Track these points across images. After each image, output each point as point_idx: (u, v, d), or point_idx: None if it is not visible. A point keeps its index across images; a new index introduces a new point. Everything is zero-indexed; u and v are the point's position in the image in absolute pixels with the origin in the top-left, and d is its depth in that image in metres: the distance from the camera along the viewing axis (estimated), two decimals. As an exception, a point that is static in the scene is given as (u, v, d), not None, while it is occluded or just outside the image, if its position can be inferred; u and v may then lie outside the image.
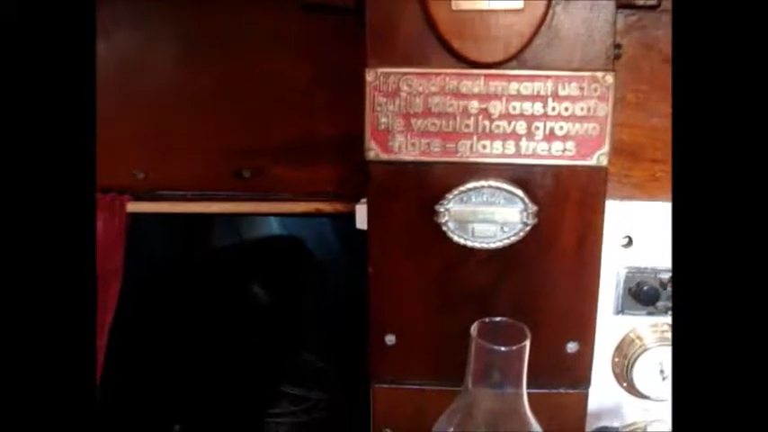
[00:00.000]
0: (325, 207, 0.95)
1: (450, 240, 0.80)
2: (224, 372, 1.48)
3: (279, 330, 1.59)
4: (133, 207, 1.00)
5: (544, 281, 0.81)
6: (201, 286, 1.60)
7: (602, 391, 0.97)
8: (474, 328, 0.68)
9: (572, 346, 0.84)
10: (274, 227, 1.79)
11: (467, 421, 0.73)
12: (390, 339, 0.84)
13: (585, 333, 0.83)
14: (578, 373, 0.85)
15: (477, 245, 0.80)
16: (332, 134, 0.97)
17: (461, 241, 0.80)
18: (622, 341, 0.97)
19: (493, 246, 0.80)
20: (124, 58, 0.98)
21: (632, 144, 0.89)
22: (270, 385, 1.52)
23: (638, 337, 0.96)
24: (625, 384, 0.97)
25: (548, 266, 0.81)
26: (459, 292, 0.82)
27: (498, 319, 0.70)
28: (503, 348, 0.66)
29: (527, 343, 0.67)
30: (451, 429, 0.73)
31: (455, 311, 0.81)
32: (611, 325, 0.96)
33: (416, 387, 0.85)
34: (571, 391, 0.85)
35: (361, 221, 0.86)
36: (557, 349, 0.83)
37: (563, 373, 0.84)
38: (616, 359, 0.98)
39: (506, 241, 0.80)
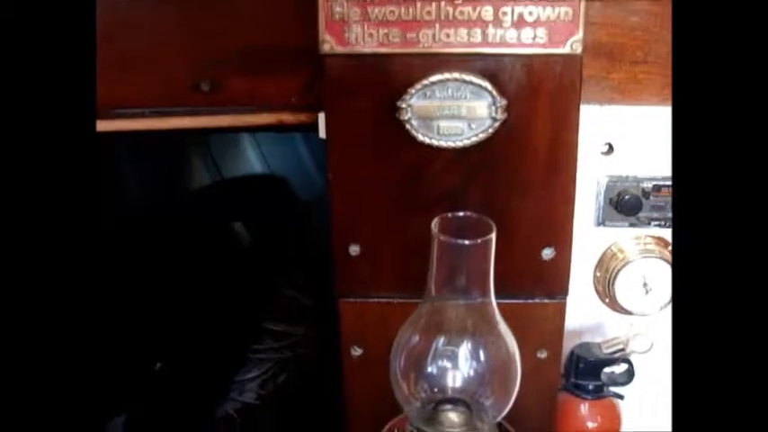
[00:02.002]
0: (288, 118, 0.87)
1: (414, 140, 0.72)
2: (206, 309, 1.41)
3: (261, 269, 1.52)
4: (88, 126, 0.91)
5: (517, 182, 0.74)
6: (183, 225, 1.53)
7: (584, 309, 0.91)
8: (435, 224, 0.61)
9: (548, 253, 0.76)
10: (256, 166, 1.71)
11: (432, 329, 0.66)
12: (354, 250, 0.77)
13: (562, 238, 0.76)
14: (555, 281, 0.77)
15: (443, 143, 0.72)
16: (297, 41, 0.88)
17: (426, 140, 0.72)
18: (603, 255, 0.90)
19: (460, 144, 0.72)
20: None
21: (611, 44, 0.81)
22: (252, 322, 1.46)
23: (620, 251, 0.90)
24: (607, 300, 0.91)
25: (520, 166, 0.73)
26: (425, 195, 0.74)
27: (462, 214, 0.62)
28: (466, 242, 0.59)
29: (492, 236, 0.60)
30: (417, 337, 0.66)
31: (422, 217, 0.73)
32: (592, 238, 0.89)
33: (384, 300, 0.78)
34: (547, 301, 0.78)
35: (325, 131, 0.78)
36: (531, 256, 0.76)
37: (539, 281, 0.77)
38: (597, 274, 0.91)
39: (474, 139, 0.72)
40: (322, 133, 0.79)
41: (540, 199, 0.74)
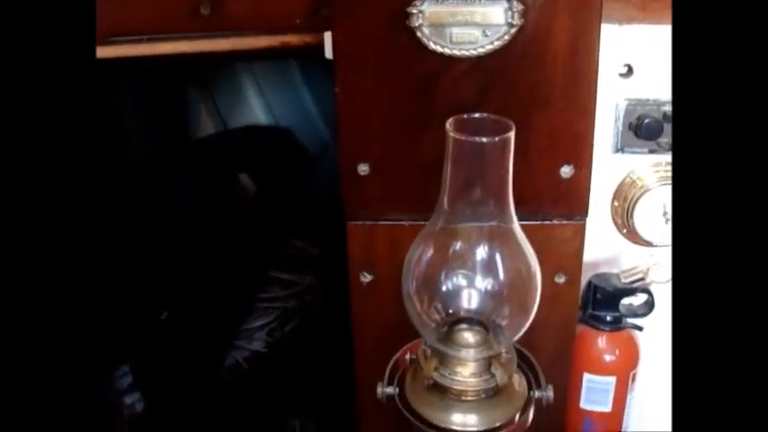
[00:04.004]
0: (292, 40, 0.82)
1: (426, 49, 0.67)
2: (212, 258, 1.37)
3: (267, 218, 1.48)
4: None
5: (534, 94, 0.68)
6: (187, 175, 1.48)
7: (600, 241, 0.86)
8: (450, 124, 0.55)
9: (566, 170, 0.71)
10: (261, 117, 1.66)
11: (446, 245, 0.61)
12: (363, 169, 0.71)
13: (581, 155, 0.70)
14: (574, 201, 0.72)
15: (456, 53, 0.67)
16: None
17: (439, 49, 0.67)
18: (621, 184, 0.85)
19: (475, 53, 0.67)
20: None
21: (632, -48, 0.75)
22: (259, 271, 1.41)
23: (639, 178, 0.85)
24: (625, 231, 0.86)
25: (538, 76, 0.68)
26: (438, 109, 0.69)
27: (478, 115, 0.57)
28: (483, 139, 0.53)
29: (512, 135, 0.54)
30: (429, 254, 0.61)
31: (435, 133, 0.68)
32: (610, 165, 0.84)
33: (395, 222, 0.73)
34: (566, 222, 0.73)
35: (331, 51, 0.72)
36: (549, 174, 0.71)
37: (557, 200, 0.72)
38: (615, 203, 0.86)
39: (490, 47, 0.67)
40: (329, 53, 0.73)
41: (558, 112, 0.69)
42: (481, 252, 0.59)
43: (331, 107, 1.42)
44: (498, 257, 0.59)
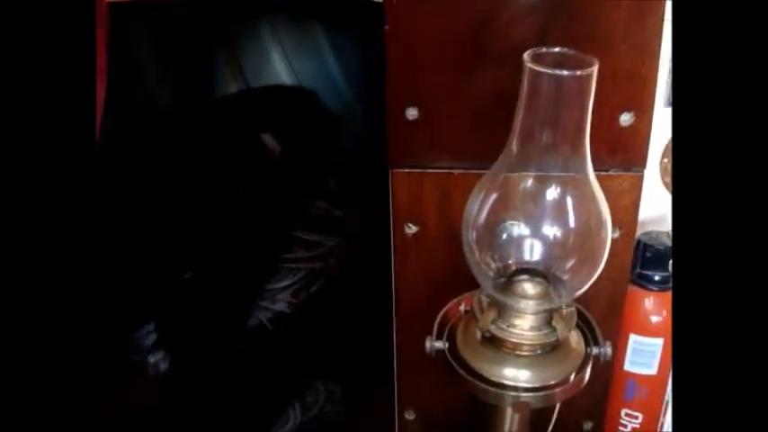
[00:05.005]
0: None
1: (483, -16, 0.61)
2: (234, 217, 1.32)
3: (290, 178, 1.43)
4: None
5: (596, 34, 0.63)
6: (209, 134, 1.43)
7: (649, 200, 0.80)
8: (528, 55, 0.50)
9: (626, 118, 0.66)
10: (286, 80, 1.60)
11: (511, 191, 0.56)
12: (412, 113, 0.66)
13: (642, 102, 0.65)
14: (633, 150, 0.67)
15: (516, -12, 0.61)
16: None
17: (497, -17, 0.61)
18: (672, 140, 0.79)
19: (536, -12, 0.61)
20: None
21: None
22: (283, 231, 1.37)
23: (691, 134, 0.78)
24: (674, 190, 0.80)
25: (601, 14, 0.62)
26: (494, 50, 0.63)
27: (558, 49, 0.52)
28: (564, 72, 0.48)
29: (595, 69, 0.49)
30: (493, 200, 0.56)
31: (490, 73, 0.63)
32: (661, 120, 0.77)
33: (444, 170, 0.68)
34: (623, 173, 0.68)
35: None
36: (609, 120, 0.65)
37: (615, 149, 0.67)
38: (665, 160, 0.80)
39: (552, -19, 0.61)
40: (372, -9, 0.68)
41: (621, 55, 0.63)
42: (551, 198, 0.54)
43: (355, 71, 1.36)
44: (570, 205, 0.54)
